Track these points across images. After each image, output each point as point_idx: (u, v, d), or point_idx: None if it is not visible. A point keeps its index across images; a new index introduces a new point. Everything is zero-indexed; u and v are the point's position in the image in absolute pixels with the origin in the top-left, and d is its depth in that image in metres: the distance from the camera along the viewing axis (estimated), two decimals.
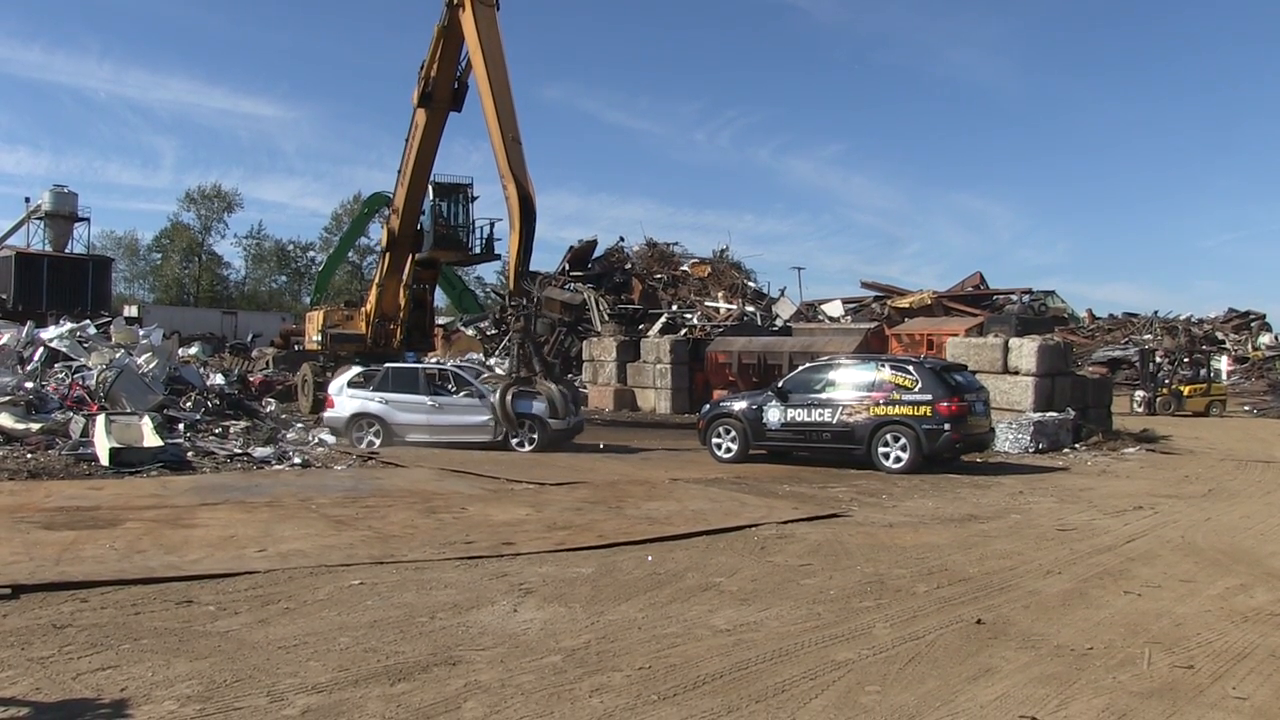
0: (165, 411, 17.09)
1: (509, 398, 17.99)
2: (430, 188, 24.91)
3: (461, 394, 18.90)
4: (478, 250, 26.16)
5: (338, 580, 7.30)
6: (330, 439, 18.07)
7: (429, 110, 22.57)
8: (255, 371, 33.32)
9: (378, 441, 18.22)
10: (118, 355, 20.00)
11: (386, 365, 19.95)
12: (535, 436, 18.29)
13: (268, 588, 7.04)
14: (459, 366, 21.85)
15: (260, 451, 15.64)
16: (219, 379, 25.01)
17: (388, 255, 25.01)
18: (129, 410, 15.97)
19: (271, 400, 25.01)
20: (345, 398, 18.87)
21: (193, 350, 37.35)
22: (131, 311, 48.30)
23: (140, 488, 12.09)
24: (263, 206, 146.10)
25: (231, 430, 17.49)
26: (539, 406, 18.34)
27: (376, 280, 25.81)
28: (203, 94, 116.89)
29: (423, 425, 18.52)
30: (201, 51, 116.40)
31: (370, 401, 18.68)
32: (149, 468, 13.52)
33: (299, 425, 19.72)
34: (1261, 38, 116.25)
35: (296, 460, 15.30)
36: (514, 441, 18.25)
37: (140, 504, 10.66)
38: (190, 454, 14.87)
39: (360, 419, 18.59)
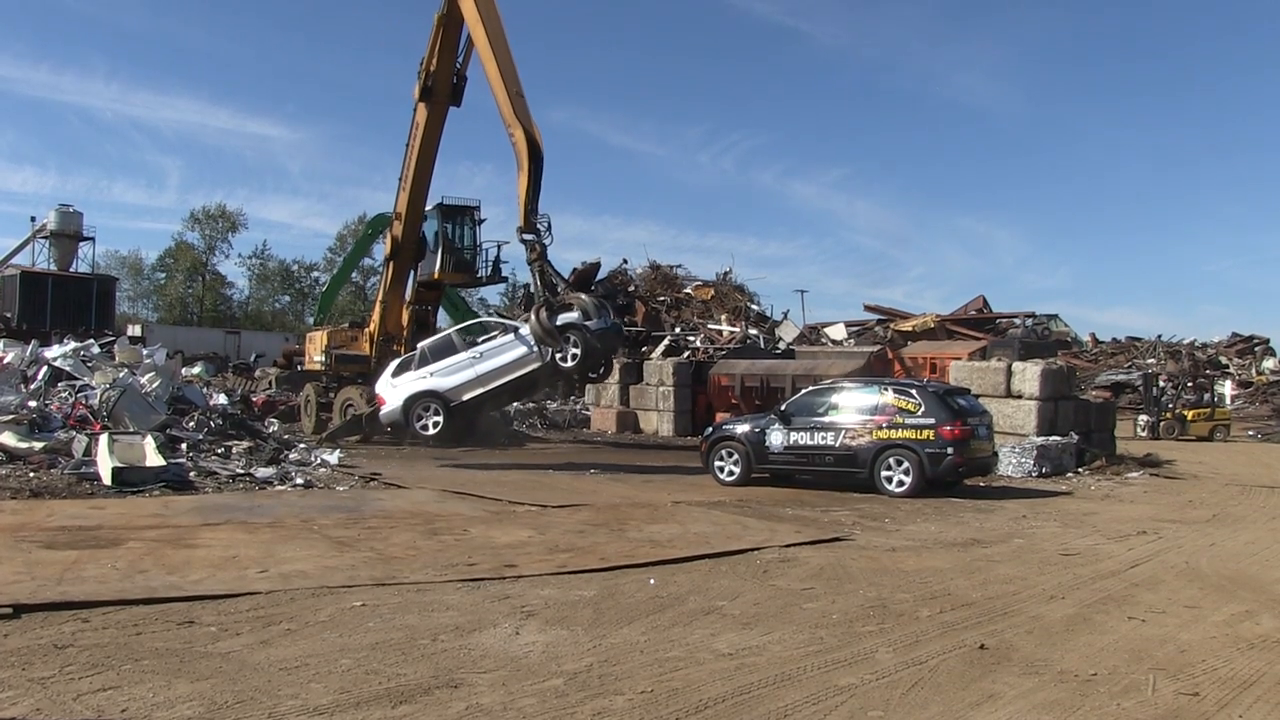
0: (168, 431, 17.07)
1: (544, 315, 18.07)
2: (438, 210, 25.08)
3: (496, 337, 19.47)
4: (485, 273, 26.33)
5: (339, 602, 7.28)
6: (333, 459, 18.05)
7: (429, 105, 23.09)
8: (258, 391, 33.36)
9: (441, 419, 18.81)
10: (121, 375, 19.99)
11: (418, 344, 20.55)
12: (579, 345, 18.18)
13: (269, 609, 7.03)
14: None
15: (263, 472, 15.62)
16: (222, 399, 25.01)
17: (391, 265, 25.11)
18: (132, 430, 15.96)
19: (274, 420, 25.01)
20: (392, 389, 19.28)
21: (196, 370, 37.28)
22: (135, 331, 48.38)
23: (142, 507, 12.07)
24: (267, 227, 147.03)
25: (234, 450, 17.45)
26: (572, 315, 18.47)
27: (379, 298, 25.84)
28: (208, 114, 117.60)
29: (472, 380, 19.05)
30: (207, 72, 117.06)
31: (417, 381, 19.10)
32: (151, 487, 13.49)
33: (302, 446, 19.71)
34: (1266, 65, 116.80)
35: (299, 481, 15.28)
36: (558, 357, 18.35)
37: (142, 524, 10.65)
38: (193, 474, 14.84)
39: (416, 402, 18.99)
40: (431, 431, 18.92)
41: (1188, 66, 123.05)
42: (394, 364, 20.19)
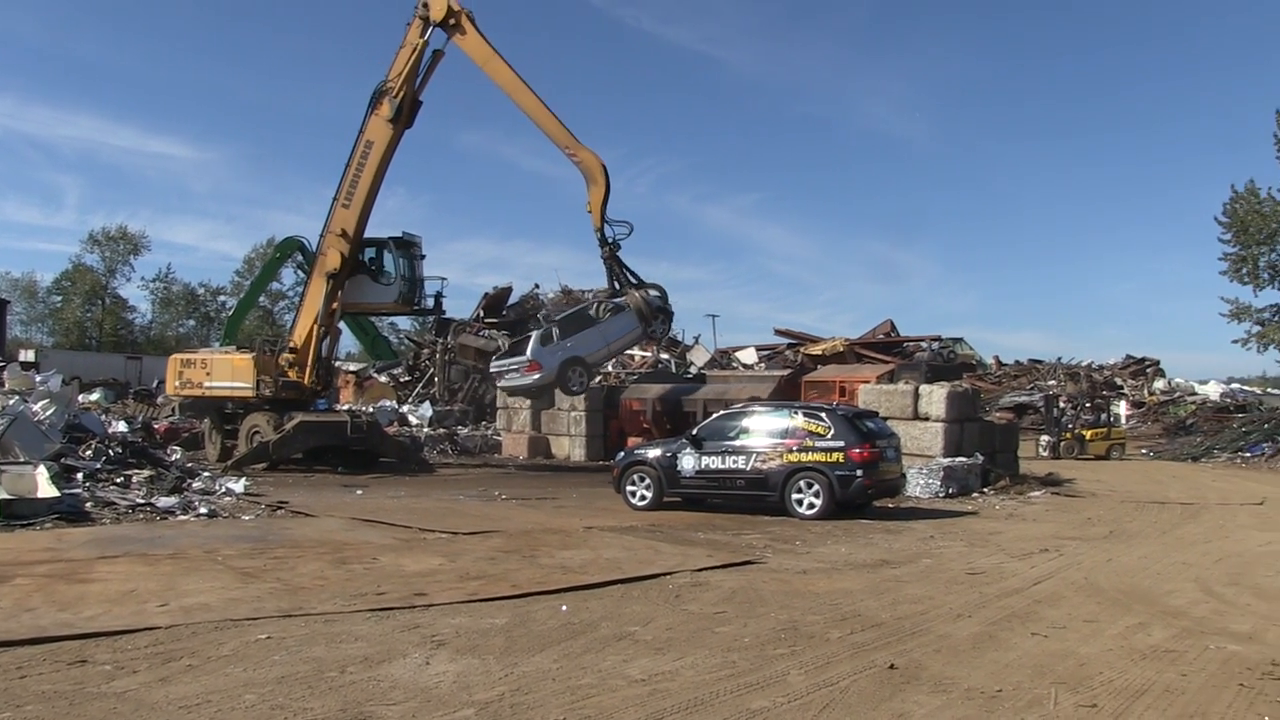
0: (63, 460, 16.41)
1: (647, 295, 24.72)
2: (394, 242, 25.82)
3: (609, 317, 25.10)
4: (429, 304, 27.10)
5: (244, 634, 7.08)
6: (238, 488, 17.58)
7: (395, 127, 24.21)
8: (160, 418, 32.34)
9: (586, 379, 25.29)
10: (11, 402, 19.21)
11: (554, 319, 25.80)
12: (665, 323, 26.22)
13: (169, 644, 6.79)
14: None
15: (164, 501, 15.13)
16: (122, 426, 24.19)
17: (330, 283, 24.61)
18: (22, 459, 15.33)
19: (177, 448, 24.24)
20: (549, 356, 24.26)
21: (94, 396, 36.07)
22: (28, 356, 46.55)
23: (33, 541, 11.58)
24: (172, 249, 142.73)
25: (134, 479, 16.86)
26: (658, 299, 25.24)
27: (315, 320, 24.89)
28: (110, 132, 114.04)
29: (604, 349, 25.63)
30: (109, 89, 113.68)
31: (565, 350, 24.29)
32: (43, 520, 12.97)
33: (206, 474, 19.15)
34: (1162, 96, 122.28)
35: (203, 510, 14.85)
36: (650, 331, 25.68)
37: (32, 559, 10.21)
38: (89, 505, 14.31)
39: (567, 366, 24.28)
40: (576, 389, 25.20)
41: (1085, 93, 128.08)
42: (536, 334, 25.01)
